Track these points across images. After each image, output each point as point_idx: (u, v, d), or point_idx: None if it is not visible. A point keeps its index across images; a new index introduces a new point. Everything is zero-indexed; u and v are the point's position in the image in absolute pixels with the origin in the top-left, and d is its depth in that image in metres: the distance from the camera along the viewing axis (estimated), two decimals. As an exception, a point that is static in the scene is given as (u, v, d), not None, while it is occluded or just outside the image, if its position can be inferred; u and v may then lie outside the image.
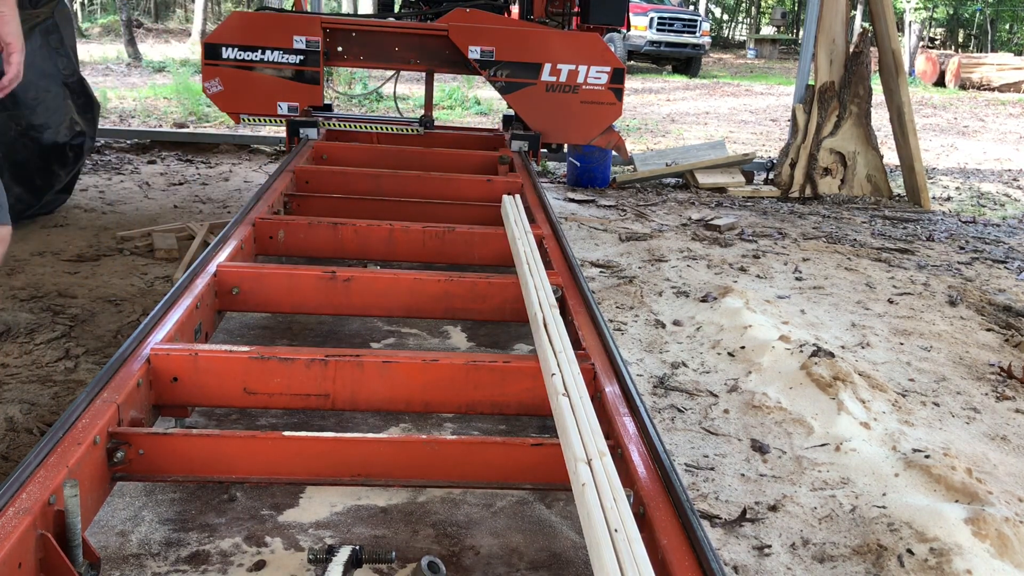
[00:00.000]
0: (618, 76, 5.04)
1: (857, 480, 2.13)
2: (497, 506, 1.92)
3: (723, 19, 39.69)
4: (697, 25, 17.82)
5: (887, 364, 2.96)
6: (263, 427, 2.22)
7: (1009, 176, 7.62)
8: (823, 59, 5.75)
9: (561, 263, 2.55)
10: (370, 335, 2.87)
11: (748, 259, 4.17)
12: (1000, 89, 17.66)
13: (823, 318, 3.38)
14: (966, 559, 1.77)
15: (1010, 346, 3.21)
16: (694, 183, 5.99)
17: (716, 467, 2.20)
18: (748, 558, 1.83)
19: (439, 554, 1.72)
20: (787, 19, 31.99)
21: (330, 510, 1.87)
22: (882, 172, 6.05)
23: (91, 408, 1.59)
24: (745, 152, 6.86)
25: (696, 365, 2.83)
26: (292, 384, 1.90)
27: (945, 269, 4.26)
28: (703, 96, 13.89)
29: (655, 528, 1.36)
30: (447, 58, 4.66)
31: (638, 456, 1.56)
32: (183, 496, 1.88)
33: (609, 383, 1.83)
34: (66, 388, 2.39)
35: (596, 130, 5.22)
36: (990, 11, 27.84)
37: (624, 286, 3.57)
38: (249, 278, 2.42)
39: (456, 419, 2.33)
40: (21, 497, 1.31)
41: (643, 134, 9.08)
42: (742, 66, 22.18)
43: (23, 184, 3.83)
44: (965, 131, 10.93)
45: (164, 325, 1.97)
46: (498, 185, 3.49)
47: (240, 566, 1.66)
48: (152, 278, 3.36)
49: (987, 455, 2.36)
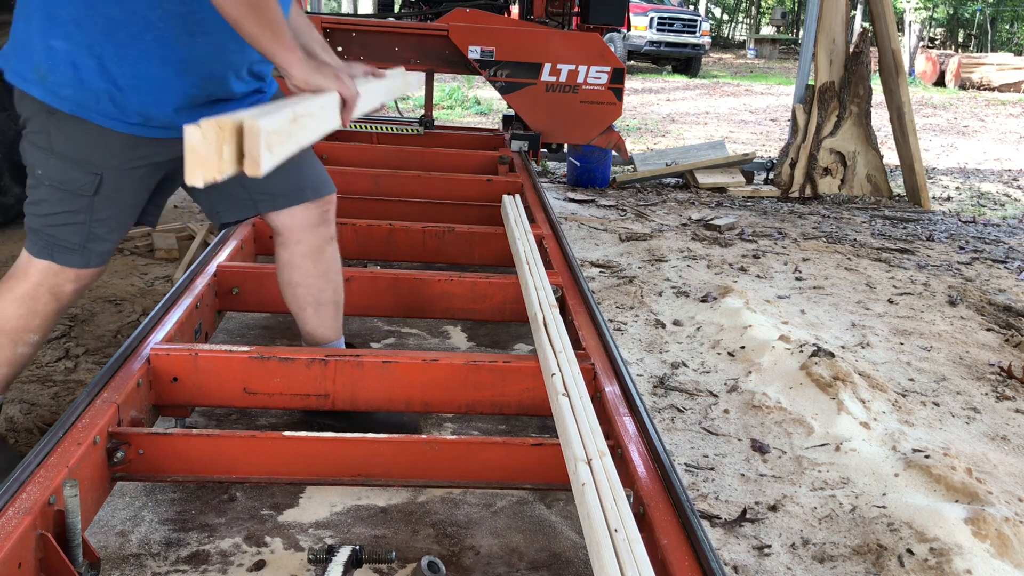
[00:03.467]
0: (618, 76, 5.04)
1: (857, 480, 2.13)
2: (497, 506, 1.92)
3: (723, 19, 39.70)
4: (697, 25, 17.82)
5: (887, 364, 2.96)
6: (263, 427, 2.22)
7: (1009, 176, 7.62)
8: (823, 59, 5.75)
9: (561, 263, 2.55)
10: (370, 335, 2.87)
11: (748, 259, 4.17)
12: (1000, 89, 17.66)
13: (823, 318, 3.38)
14: (966, 559, 1.77)
15: (1010, 346, 3.21)
16: (694, 183, 5.99)
17: (716, 467, 2.20)
18: (748, 558, 1.83)
19: (439, 554, 1.72)
20: (787, 19, 31.99)
21: (330, 510, 1.87)
22: (882, 172, 6.05)
23: (91, 408, 1.59)
24: (745, 152, 6.86)
25: (696, 365, 2.84)
26: (292, 384, 1.90)
27: (945, 269, 4.27)
28: (703, 96, 13.89)
29: (655, 528, 1.36)
30: (447, 58, 4.66)
31: (638, 456, 1.56)
32: (183, 496, 1.88)
33: (609, 383, 1.83)
34: (66, 388, 2.39)
35: (596, 130, 5.22)
36: (990, 11, 27.83)
37: (624, 286, 3.57)
38: (249, 278, 2.42)
39: (456, 419, 2.33)
40: (21, 497, 1.31)
41: (643, 134, 9.09)
42: (742, 66, 22.18)
43: (23, 184, 3.81)
44: (965, 131, 10.93)
45: (164, 325, 1.97)
46: (498, 185, 3.49)
47: (240, 566, 1.66)
48: (152, 278, 3.36)
49: (987, 455, 2.36)
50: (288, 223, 1.98)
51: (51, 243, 1.73)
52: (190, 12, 1.62)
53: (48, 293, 1.76)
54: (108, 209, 1.73)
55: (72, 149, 1.67)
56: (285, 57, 1.58)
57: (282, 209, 1.96)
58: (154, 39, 1.62)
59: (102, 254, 1.77)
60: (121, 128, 1.66)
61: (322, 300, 2.08)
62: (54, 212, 1.72)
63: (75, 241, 1.73)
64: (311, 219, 1.99)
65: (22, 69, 1.64)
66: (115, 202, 1.74)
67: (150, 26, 1.60)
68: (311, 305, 2.07)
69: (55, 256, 1.74)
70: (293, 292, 2.07)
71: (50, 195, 1.71)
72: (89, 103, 1.63)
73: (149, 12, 1.60)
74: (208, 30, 1.65)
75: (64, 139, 1.66)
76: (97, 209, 1.72)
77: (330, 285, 2.08)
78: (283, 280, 2.07)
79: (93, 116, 1.64)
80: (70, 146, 1.66)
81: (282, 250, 2.03)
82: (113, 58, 1.60)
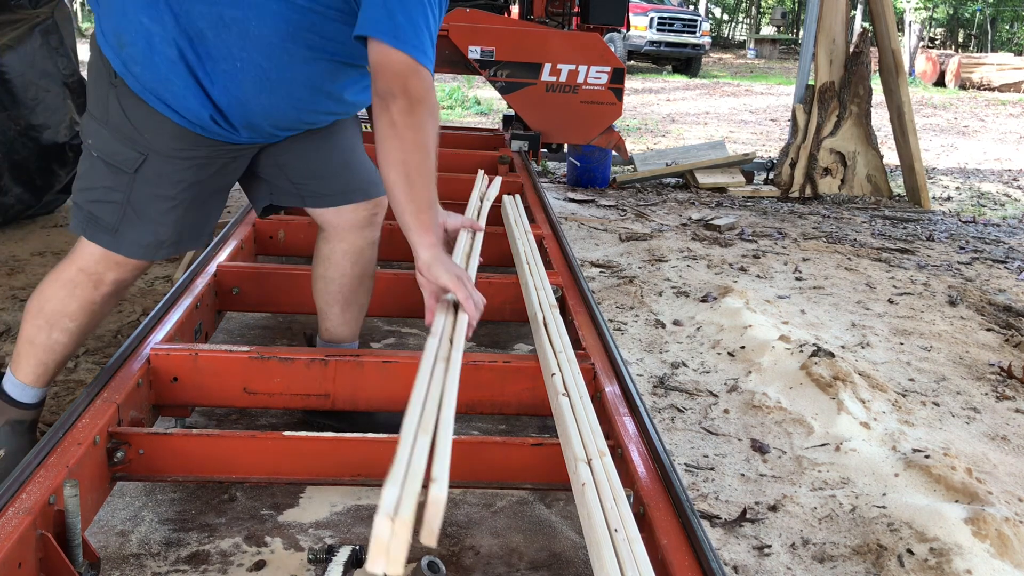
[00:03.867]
0: (618, 76, 5.04)
1: (857, 480, 2.14)
2: (497, 506, 1.92)
3: (723, 19, 39.70)
4: (697, 25, 17.83)
5: (887, 364, 2.96)
6: (263, 427, 2.22)
7: (1009, 176, 7.62)
8: (823, 59, 5.75)
9: (561, 263, 2.55)
10: (370, 335, 2.87)
11: (748, 259, 4.17)
12: (1000, 89, 17.66)
13: (823, 318, 3.38)
14: (966, 559, 1.77)
15: (1010, 346, 3.21)
16: (694, 183, 5.99)
17: (716, 467, 2.20)
18: (748, 558, 1.83)
19: (439, 554, 1.72)
20: (787, 19, 31.99)
21: (330, 510, 1.87)
22: (882, 172, 6.05)
23: (91, 408, 1.59)
24: (745, 152, 6.86)
25: (696, 365, 2.84)
26: (292, 384, 1.90)
27: (945, 269, 4.27)
28: (703, 96, 13.89)
29: (655, 528, 1.36)
30: (447, 58, 4.65)
31: (638, 456, 1.56)
32: (183, 496, 1.88)
33: (609, 383, 1.83)
34: (66, 388, 2.39)
35: (596, 130, 5.22)
36: (990, 11, 27.84)
37: (624, 286, 3.57)
38: (249, 278, 2.42)
39: (456, 419, 2.32)
40: (21, 497, 1.31)
41: (643, 134, 9.09)
42: (742, 66, 22.18)
43: (23, 184, 3.82)
44: (965, 131, 10.93)
45: (164, 325, 1.97)
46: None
47: (240, 566, 1.66)
48: (152, 278, 3.36)
49: (987, 455, 2.36)
50: (334, 221, 1.98)
51: (88, 219, 1.75)
52: (271, 68, 1.65)
53: (88, 279, 1.77)
54: (145, 191, 1.72)
55: (124, 124, 1.68)
56: (419, 237, 1.60)
57: (332, 207, 1.96)
58: (236, 68, 1.63)
59: (135, 243, 1.75)
60: (176, 119, 1.67)
61: (351, 301, 2.07)
62: (95, 186, 1.73)
63: (109, 221, 1.73)
64: (359, 220, 1.99)
65: (106, 29, 1.64)
66: (153, 187, 1.73)
67: (232, 57, 1.62)
68: (339, 303, 2.07)
69: (88, 232, 1.75)
70: (325, 287, 2.06)
71: (95, 168, 1.73)
72: (154, 87, 1.64)
73: (237, 48, 1.62)
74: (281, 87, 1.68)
75: (120, 112, 1.67)
76: (135, 189, 1.72)
77: (363, 288, 2.08)
78: (317, 274, 2.06)
79: (152, 100, 1.65)
80: (123, 120, 1.67)
81: (323, 244, 2.03)
82: (193, 59, 1.62)
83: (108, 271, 1.77)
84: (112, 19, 1.63)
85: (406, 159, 1.55)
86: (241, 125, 1.72)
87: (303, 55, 1.66)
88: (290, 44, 1.64)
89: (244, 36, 1.61)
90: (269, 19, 1.60)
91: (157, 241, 1.78)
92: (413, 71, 1.54)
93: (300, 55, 1.66)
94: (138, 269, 1.81)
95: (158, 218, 1.76)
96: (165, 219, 1.77)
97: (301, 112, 1.77)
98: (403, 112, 1.52)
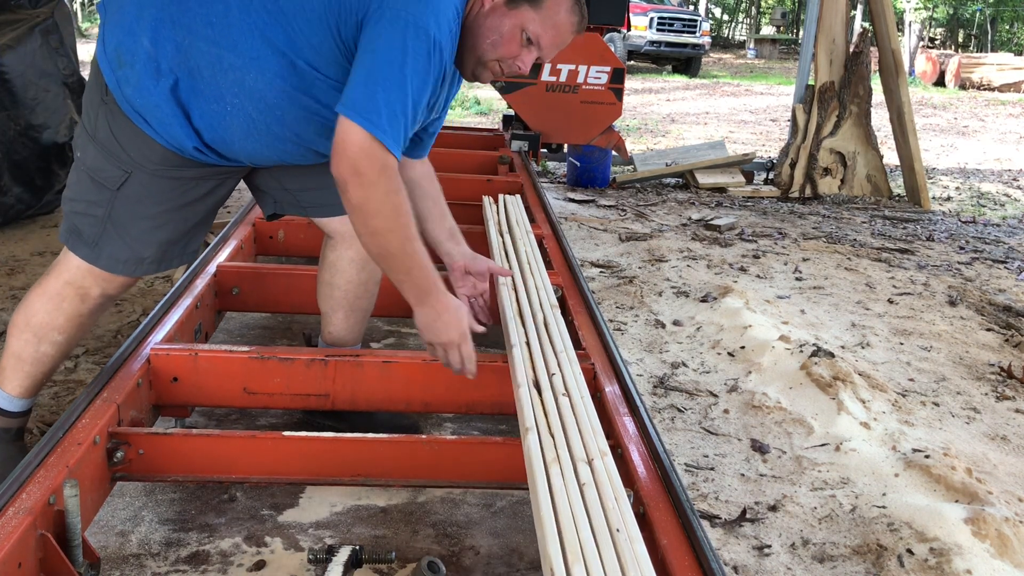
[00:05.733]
0: (618, 76, 5.04)
1: (857, 480, 2.13)
2: (497, 506, 1.92)
3: (723, 19, 39.70)
4: (697, 25, 17.81)
5: (887, 364, 2.96)
6: (263, 427, 2.22)
7: (1009, 176, 7.62)
8: (823, 59, 5.75)
9: (561, 263, 2.55)
10: (370, 335, 2.87)
11: (748, 259, 4.17)
12: (1000, 89, 17.66)
13: (823, 318, 3.38)
14: (966, 559, 1.77)
15: (1010, 346, 3.21)
16: (694, 183, 5.99)
17: (716, 467, 2.20)
18: (748, 558, 1.83)
19: (439, 554, 1.72)
20: (787, 19, 31.97)
21: (330, 510, 1.87)
22: (882, 172, 6.05)
23: (91, 408, 1.59)
24: (745, 152, 6.86)
25: (696, 365, 2.84)
26: (292, 384, 1.90)
27: (945, 269, 4.27)
28: (703, 96, 13.89)
29: (655, 528, 1.36)
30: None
31: (638, 456, 1.56)
32: (183, 496, 1.88)
33: (609, 383, 1.83)
34: (66, 388, 2.39)
35: (596, 130, 5.22)
36: (990, 11, 27.84)
37: (624, 286, 3.57)
38: (249, 278, 2.42)
39: (456, 419, 2.33)
40: (21, 497, 1.31)
41: (643, 134, 9.09)
42: (742, 66, 22.18)
43: (23, 184, 3.82)
44: (965, 131, 10.93)
45: (164, 325, 1.97)
46: (498, 185, 3.49)
47: (240, 566, 1.66)
48: (152, 278, 3.36)
49: (987, 455, 2.36)
50: (341, 229, 1.97)
51: (71, 229, 1.75)
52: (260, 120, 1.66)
53: (75, 292, 1.76)
54: (126, 210, 1.72)
55: (111, 141, 1.68)
56: (409, 299, 1.69)
57: (336, 216, 1.95)
58: (226, 112, 1.64)
59: (113, 258, 1.75)
60: (162, 142, 1.67)
61: (355, 307, 2.07)
62: (79, 199, 1.74)
63: (90, 234, 1.73)
64: None
65: (108, 44, 1.64)
66: (135, 206, 1.73)
67: (223, 100, 1.63)
68: (343, 309, 2.06)
69: (69, 242, 1.76)
70: (330, 293, 2.05)
71: (80, 180, 1.74)
72: (142, 110, 1.64)
73: (230, 94, 1.62)
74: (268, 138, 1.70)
75: (107, 130, 1.68)
76: (116, 207, 1.72)
77: (367, 294, 2.07)
78: (323, 279, 2.06)
79: (139, 121, 1.65)
80: (110, 138, 1.68)
81: (329, 251, 2.02)
82: (186, 92, 1.62)
83: (94, 285, 1.77)
84: (116, 35, 1.63)
85: (375, 241, 1.58)
86: (226, 156, 1.73)
87: (295, 115, 1.66)
88: (284, 102, 1.64)
89: (239, 84, 1.61)
90: (267, 74, 1.60)
91: (136, 258, 1.77)
92: (366, 152, 1.49)
93: (292, 115, 1.66)
94: (124, 284, 1.81)
95: (139, 236, 1.76)
96: (146, 237, 1.76)
97: (285, 156, 1.78)
98: (359, 200, 1.52)
